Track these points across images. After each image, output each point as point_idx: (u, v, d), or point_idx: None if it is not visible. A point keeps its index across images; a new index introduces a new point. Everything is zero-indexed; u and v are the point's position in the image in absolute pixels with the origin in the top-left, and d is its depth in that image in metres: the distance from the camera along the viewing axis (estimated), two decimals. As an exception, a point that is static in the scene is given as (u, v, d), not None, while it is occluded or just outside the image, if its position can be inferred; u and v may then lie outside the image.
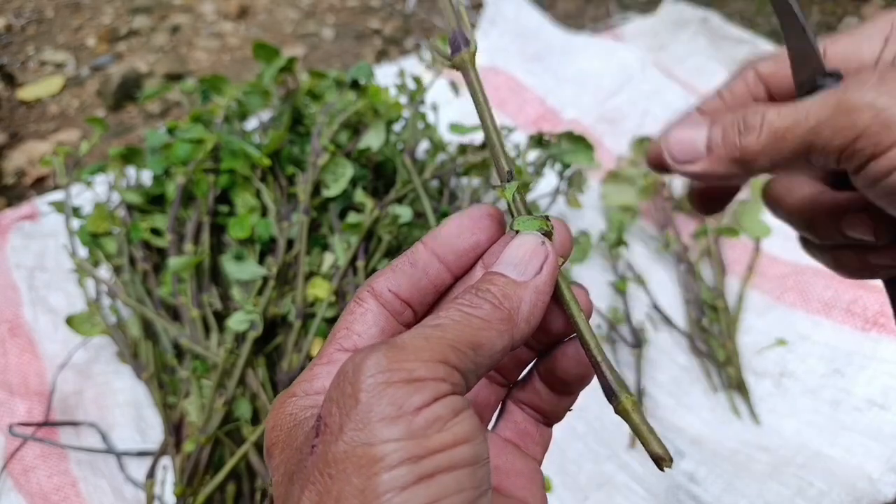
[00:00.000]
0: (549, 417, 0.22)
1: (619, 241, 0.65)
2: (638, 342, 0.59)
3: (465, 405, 0.16)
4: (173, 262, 0.52)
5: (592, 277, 0.66)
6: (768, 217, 0.70)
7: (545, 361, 0.22)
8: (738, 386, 0.57)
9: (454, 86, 0.62)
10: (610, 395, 0.19)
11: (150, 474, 0.47)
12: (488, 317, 0.18)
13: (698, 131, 0.22)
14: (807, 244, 0.26)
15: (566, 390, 0.22)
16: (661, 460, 0.18)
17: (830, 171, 0.22)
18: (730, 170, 0.21)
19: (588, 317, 0.20)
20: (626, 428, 0.27)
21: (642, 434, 0.18)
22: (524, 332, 0.18)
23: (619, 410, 0.19)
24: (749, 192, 0.70)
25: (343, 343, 0.19)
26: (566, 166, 0.62)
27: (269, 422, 0.19)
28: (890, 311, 0.59)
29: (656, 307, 0.63)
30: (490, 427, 0.23)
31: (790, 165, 0.20)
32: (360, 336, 0.20)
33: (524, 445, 0.22)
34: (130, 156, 0.62)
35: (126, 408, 0.57)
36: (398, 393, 0.15)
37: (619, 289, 0.62)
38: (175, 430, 0.49)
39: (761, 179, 0.79)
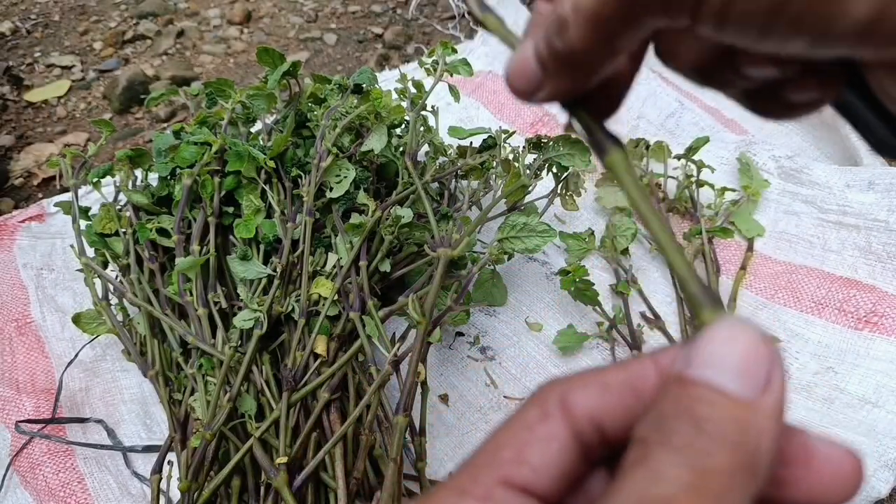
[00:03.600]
0: None
1: (625, 251, 0.66)
2: (636, 345, 0.60)
3: None
4: (180, 261, 0.53)
5: (592, 277, 0.67)
6: (762, 218, 0.71)
7: None
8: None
9: (454, 90, 0.63)
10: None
11: (156, 470, 0.48)
12: (729, 468, 0.11)
13: (525, 46, 0.17)
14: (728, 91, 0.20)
15: None
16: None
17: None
18: (577, 80, 0.17)
19: None
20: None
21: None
22: (765, 481, 0.12)
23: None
24: (742, 193, 0.72)
25: (510, 474, 0.13)
26: (563, 169, 0.63)
27: None
28: (882, 309, 0.60)
29: (650, 308, 0.64)
30: None
31: (633, 40, 0.16)
32: (534, 471, 0.13)
33: None
34: (137, 158, 0.64)
35: (132, 405, 0.58)
36: None
37: (621, 291, 0.63)
38: (181, 426, 0.50)
39: (757, 182, 0.78)
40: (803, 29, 0.14)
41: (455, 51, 0.60)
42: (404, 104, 0.61)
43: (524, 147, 0.62)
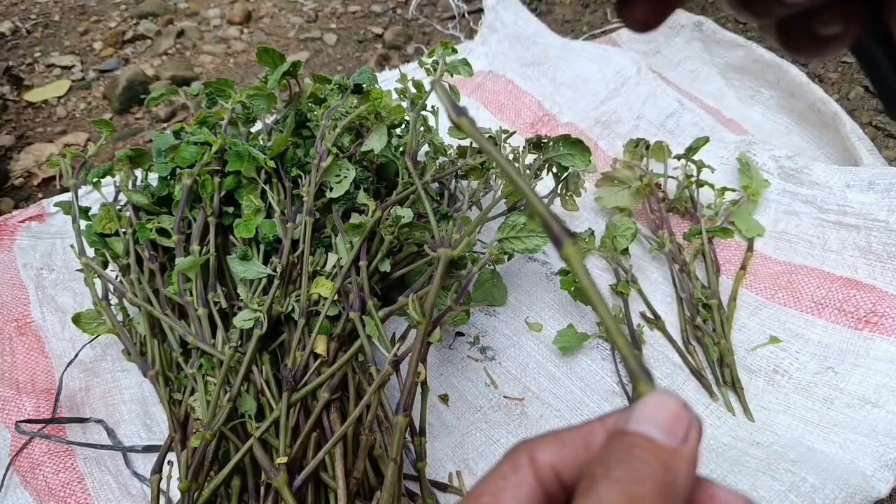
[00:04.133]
0: None
1: (625, 251, 0.66)
2: (637, 345, 0.60)
3: None
4: (180, 261, 0.53)
5: (592, 277, 0.67)
6: (762, 218, 0.71)
7: None
8: (731, 383, 0.58)
9: (454, 90, 0.63)
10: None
11: (156, 470, 0.48)
12: (653, 494, 0.15)
13: None
14: (763, 32, 0.23)
15: None
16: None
17: None
18: None
19: None
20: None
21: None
22: None
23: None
24: (742, 193, 0.72)
25: None
26: (563, 169, 0.63)
27: None
28: (882, 310, 0.60)
29: (650, 308, 0.64)
30: None
31: None
32: None
33: None
34: (137, 158, 0.64)
35: (132, 405, 0.57)
36: None
37: (621, 291, 0.63)
38: (181, 426, 0.50)
39: (757, 182, 0.78)
40: None
41: (455, 51, 0.60)
42: (404, 104, 0.61)
43: (524, 147, 0.62)
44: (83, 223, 0.60)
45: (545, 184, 0.67)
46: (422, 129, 0.63)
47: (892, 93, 0.20)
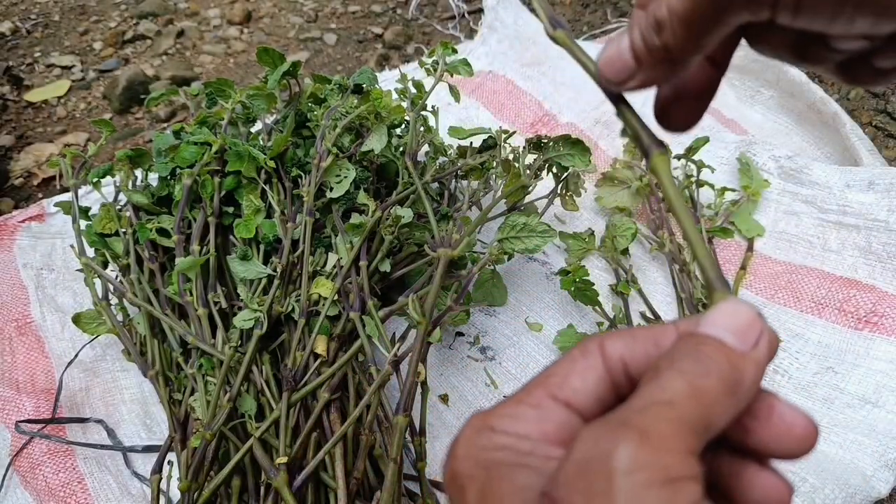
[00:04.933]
0: None
1: (625, 251, 0.66)
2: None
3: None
4: (180, 261, 0.53)
5: (592, 277, 0.67)
6: (762, 218, 0.71)
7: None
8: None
9: (454, 90, 0.63)
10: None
11: (156, 470, 0.48)
12: (717, 389, 0.16)
13: (621, 43, 0.21)
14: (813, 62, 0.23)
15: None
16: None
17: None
18: (667, 71, 0.20)
19: None
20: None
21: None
22: (740, 410, 0.16)
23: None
24: (742, 193, 0.72)
25: (556, 392, 0.18)
26: (563, 169, 0.63)
27: (460, 448, 0.18)
28: (882, 310, 0.60)
29: (650, 308, 0.64)
30: None
31: (720, 36, 0.19)
32: (575, 392, 0.18)
33: None
34: (137, 158, 0.64)
35: (132, 405, 0.58)
36: (660, 497, 0.14)
37: (622, 291, 0.63)
38: (181, 426, 0.50)
39: (757, 182, 0.78)
40: (866, 10, 0.17)
41: (455, 51, 0.60)
42: (404, 104, 0.61)
43: (524, 147, 0.62)
44: (83, 223, 0.60)
45: (545, 184, 0.67)
46: (422, 129, 0.63)
47: None
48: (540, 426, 0.17)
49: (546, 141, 0.61)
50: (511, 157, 0.61)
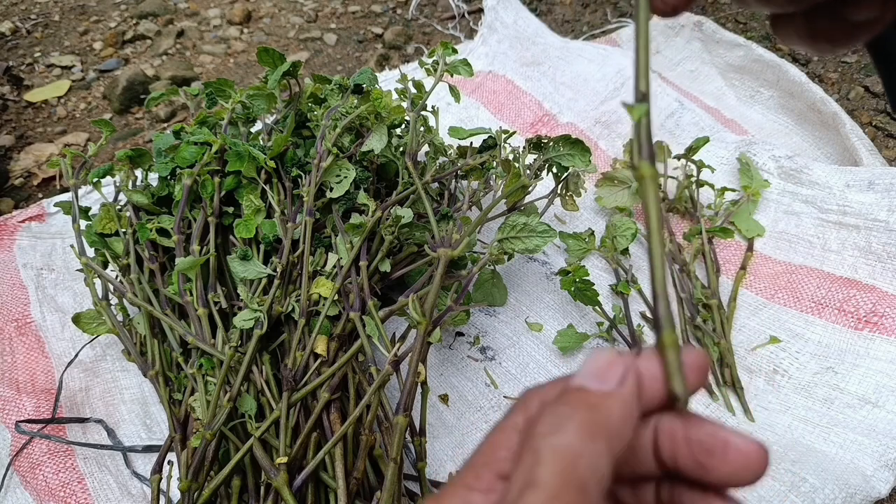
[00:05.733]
0: None
1: (625, 251, 0.66)
2: (637, 345, 0.60)
3: None
4: (180, 261, 0.53)
5: (592, 277, 0.67)
6: (762, 218, 0.71)
7: None
8: (732, 383, 0.58)
9: (454, 90, 0.63)
10: (658, 327, 0.18)
11: (156, 470, 0.48)
12: (577, 440, 0.16)
13: None
14: (777, 24, 0.22)
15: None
16: (680, 401, 0.18)
17: None
18: None
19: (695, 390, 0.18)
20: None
21: (671, 372, 0.18)
22: (623, 447, 0.17)
23: (660, 343, 0.18)
24: (742, 193, 0.72)
25: (506, 469, 0.17)
26: (563, 169, 0.63)
27: None
28: (882, 310, 0.60)
29: (650, 308, 0.64)
30: None
31: None
32: None
33: None
34: (137, 158, 0.64)
35: (132, 404, 0.57)
36: None
37: (622, 291, 0.63)
38: (181, 426, 0.50)
39: (757, 182, 0.78)
40: None
41: (455, 51, 0.60)
42: (404, 104, 0.61)
43: (524, 147, 0.62)
44: (83, 223, 0.60)
45: (545, 184, 0.67)
46: (422, 129, 0.63)
47: None
48: None
49: (546, 141, 0.61)
50: (511, 157, 0.61)
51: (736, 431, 0.17)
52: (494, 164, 0.63)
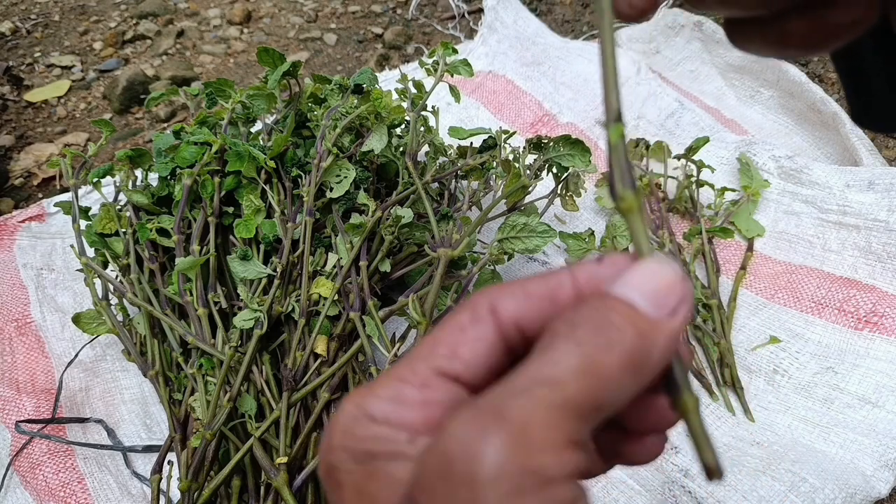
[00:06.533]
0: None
1: (625, 251, 0.66)
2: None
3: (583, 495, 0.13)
4: (180, 261, 0.53)
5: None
6: (762, 218, 0.71)
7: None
8: (731, 383, 0.58)
9: (454, 90, 0.63)
10: (674, 388, 0.16)
11: (156, 470, 0.48)
12: (617, 367, 0.13)
13: None
14: (738, 28, 0.20)
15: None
16: (713, 473, 0.15)
17: None
18: None
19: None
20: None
21: (698, 440, 0.15)
22: (643, 388, 0.14)
23: (680, 408, 0.16)
24: (742, 193, 0.72)
25: (444, 366, 0.15)
26: (563, 169, 0.63)
27: (335, 437, 0.15)
28: (882, 310, 0.60)
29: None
30: None
31: None
32: (466, 365, 0.15)
33: None
34: (137, 158, 0.64)
35: (132, 404, 0.58)
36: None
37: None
38: (181, 426, 0.50)
39: (757, 182, 0.78)
40: None
41: (455, 51, 0.60)
42: (405, 104, 0.61)
43: (524, 147, 0.62)
44: (83, 223, 0.60)
45: (545, 184, 0.67)
46: (422, 129, 0.63)
47: (870, 100, 0.18)
48: (425, 412, 0.15)
49: (546, 141, 0.61)
50: (511, 157, 0.61)
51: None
52: (494, 164, 0.63)
